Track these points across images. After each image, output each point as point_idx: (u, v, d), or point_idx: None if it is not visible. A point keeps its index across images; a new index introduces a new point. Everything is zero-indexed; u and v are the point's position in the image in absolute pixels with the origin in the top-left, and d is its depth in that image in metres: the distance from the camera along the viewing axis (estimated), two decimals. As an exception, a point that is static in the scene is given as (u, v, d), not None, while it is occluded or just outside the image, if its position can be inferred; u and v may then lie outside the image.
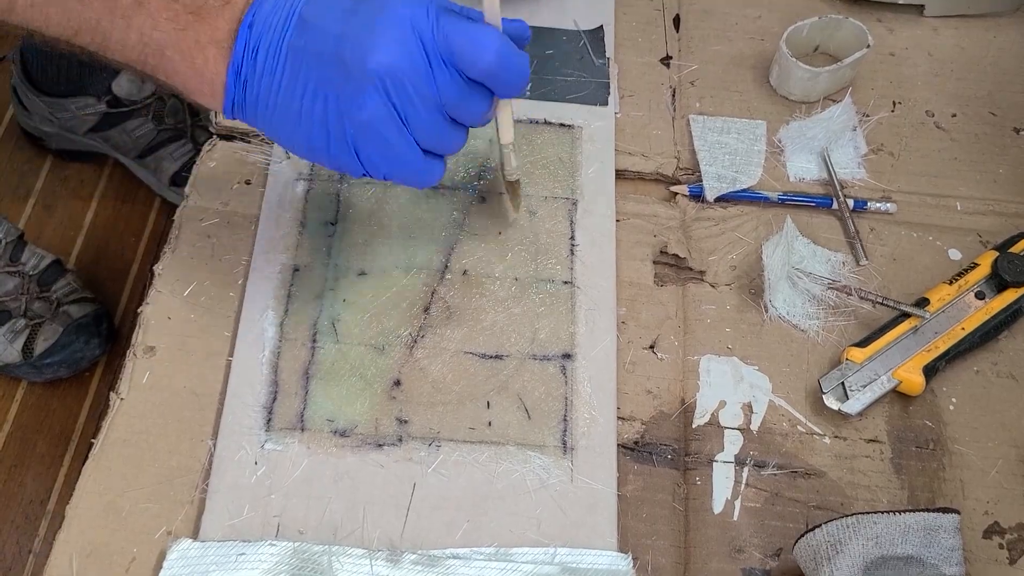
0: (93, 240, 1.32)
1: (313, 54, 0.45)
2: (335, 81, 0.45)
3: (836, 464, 0.56)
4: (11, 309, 1.13)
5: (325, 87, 0.45)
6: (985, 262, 0.61)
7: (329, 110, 0.46)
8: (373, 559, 0.51)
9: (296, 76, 0.46)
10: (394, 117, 0.45)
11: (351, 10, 0.45)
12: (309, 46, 0.45)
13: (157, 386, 0.56)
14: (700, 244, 0.64)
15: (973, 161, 0.69)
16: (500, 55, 0.45)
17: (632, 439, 0.56)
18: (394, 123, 0.46)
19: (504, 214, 0.63)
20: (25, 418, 1.18)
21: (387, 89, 0.44)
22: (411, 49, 0.44)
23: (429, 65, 0.45)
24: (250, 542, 0.51)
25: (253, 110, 0.48)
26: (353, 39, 0.44)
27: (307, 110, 0.46)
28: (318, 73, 0.45)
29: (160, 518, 0.52)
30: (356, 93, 0.45)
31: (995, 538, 0.54)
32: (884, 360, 0.58)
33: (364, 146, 0.46)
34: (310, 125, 0.46)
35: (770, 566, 0.53)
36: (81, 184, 1.36)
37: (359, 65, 0.44)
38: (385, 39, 0.44)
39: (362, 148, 0.46)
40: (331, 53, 0.45)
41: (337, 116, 0.46)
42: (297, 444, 0.54)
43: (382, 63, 0.44)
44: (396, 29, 0.44)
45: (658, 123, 0.69)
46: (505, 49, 0.46)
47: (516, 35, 0.50)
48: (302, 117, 0.46)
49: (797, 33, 0.70)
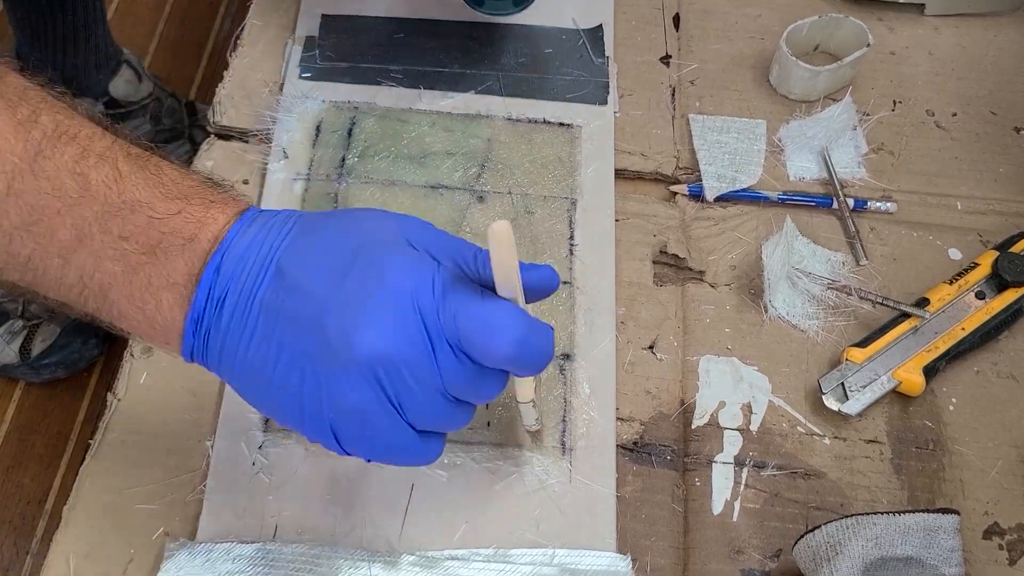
0: (91, 240, 1.32)
1: (291, 318, 0.37)
2: (315, 356, 0.37)
3: (836, 465, 0.56)
4: (8, 310, 1.13)
5: (303, 360, 0.37)
6: (985, 262, 0.61)
7: (306, 386, 0.38)
8: (371, 560, 0.50)
9: (269, 339, 0.38)
10: (385, 405, 0.38)
11: (341, 271, 0.38)
12: (287, 307, 0.37)
13: (155, 387, 0.56)
14: (700, 244, 0.64)
15: (973, 160, 0.69)
16: (520, 344, 0.38)
17: (631, 440, 0.56)
18: (385, 411, 0.38)
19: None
20: (23, 419, 1.18)
21: (379, 377, 0.37)
22: (411, 332, 0.37)
23: (432, 350, 0.38)
24: (248, 543, 0.51)
25: (217, 364, 0.40)
26: (339, 312, 0.37)
27: (280, 380, 0.38)
28: (295, 342, 0.37)
29: (158, 519, 0.52)
30: (340, 377, 0.37)
31: (995, 539, 0.54)
32: (884, 360, 0.58)
33: (346, 431, 0.39)
34: (282, 395, 0.38)
35: (769, 567, 0.53)
36: (79, 184, 1.36)
37: (345, 346, 0.36)
38: (379, 319, 0.37)
39: (342, 432, 0.39)
40: (312, 322, 0.37)
41: (315, 395, 0.38)
42: (295, 445, 0.54)
43: (375, 349, 0.36)
44: (394, 307, 0.37)
45: (657, 122, 0.69)
46: (526, 335, 0.38)
47: (541, 287, 0.43)
48: (274, 385, 0.38)
49: (797, 32, 0.70)
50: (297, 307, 0.37)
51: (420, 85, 0.69)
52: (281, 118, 0.66)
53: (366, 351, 0.36)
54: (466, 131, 0.66)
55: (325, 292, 0.37)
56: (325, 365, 0.37)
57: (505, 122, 0.67)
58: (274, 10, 0.73)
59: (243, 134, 0.67)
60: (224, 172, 0.64)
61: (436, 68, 0.70)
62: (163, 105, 1.23)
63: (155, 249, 0.38)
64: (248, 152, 0.66)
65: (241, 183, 0.64)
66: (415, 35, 0.71)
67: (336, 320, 0.37)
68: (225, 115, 0.67)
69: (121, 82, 1.18)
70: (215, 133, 0.67)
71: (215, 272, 0.38)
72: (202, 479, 0.53)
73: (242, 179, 0.64)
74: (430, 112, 0.67)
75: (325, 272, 0.38)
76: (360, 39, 0.71)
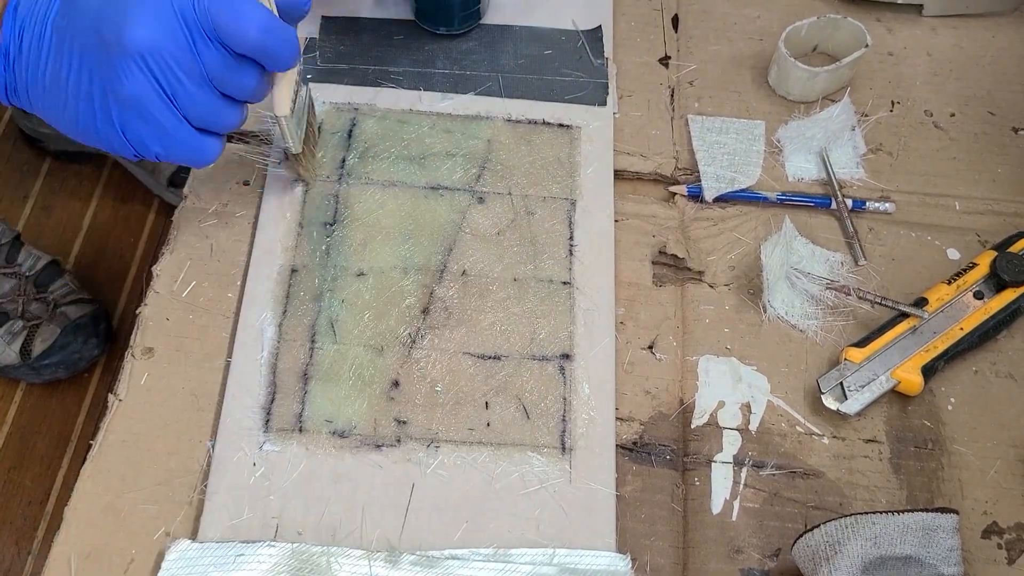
0: (92, 241, 1.32)
1: (76, 31, 0.45)
2: (98, 59, 0.44)
3: (835, 464, 0.56)
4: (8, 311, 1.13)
5: (89, 64, 0.45)
6: (984, 262, 0.61)
7: (94, 86, 0.45)
8: (372, 560, 0.51)
9: (60, 54, 0.45)
10: (159, 93, 0.45)
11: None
12: (72, 24, 0.45)
13: (155, 387, 0.56)
14: (699, 244, 0.64)
15: (972, 161, 0.69)
16: (264, 30, 0.45)
17: (631, 439, 0.56)
18: (159, 99, 0.45)
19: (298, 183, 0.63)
20: (23, 419, 1.18)
21: (149, 66, 0.44)
22: (171, 25, 0.44)
23: (192, 41, 0.45)
24: (249, 543, 0.51)
25: (25, 93, 0.48)
26: (110, 16, 0.44)
27: (73, 88, 0.46)
28: (81, 50, 0.45)
29: (159, 519, 0.52)
30: (117, 69, 0.44)
31: (994, 538, 0.54)
32: (883, 360, 0.58)
33: (130, 123, 0.46)
34: (76, 102, 0.46)
35: (769, 566, 0.53)
36: (80, 185, 1.36)
37: (117, 42, 0.44)
38: (141, 15, 0.44)
39: (128, 126, 0.46)
40: (90, 28, 0.44)
41: (101, 93, 0.45)
42: (296, 445, 0.54)
43: (140, 40, 0.43)
44: (153, 4, 0.44)
45: (657, 123, 0.69)
46: (270, 23, 0.46)
47: (291, 4, 0.50)
48: (68, 95, 0.46)
49: (796, 33, 0.70)
50: (79, 21, 0.45)
51: (420, 86, 0.69)
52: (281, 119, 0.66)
53: (134, 43, 0.43)
54: (466, 132, 0.67)
55: (99, 3, 0.44)
56: (105, 62, 0.44)
57: (505, 123, 0.67)
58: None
59: (243, 135, 0.67)
60: (225, 173, 0.65)
61: (436, 69, 0.70)
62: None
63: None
64: (249, 153, 0.66)
65: (242, 184, 0.64)
66: (415, 37, 0.71)
67: (109, 22, 0.44)
68: (225, 116, 0.67)
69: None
70: (215, 134, 0.67)
71: (13, 10, 0.46)
72: (203, 480, 0.53)
73: (243, 180, 0.64)
74: (430, 113, 0.67)
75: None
76: (360, 41, 0.71)
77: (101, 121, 0.46)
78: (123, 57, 0.44)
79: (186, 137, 0.47)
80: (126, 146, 0.47)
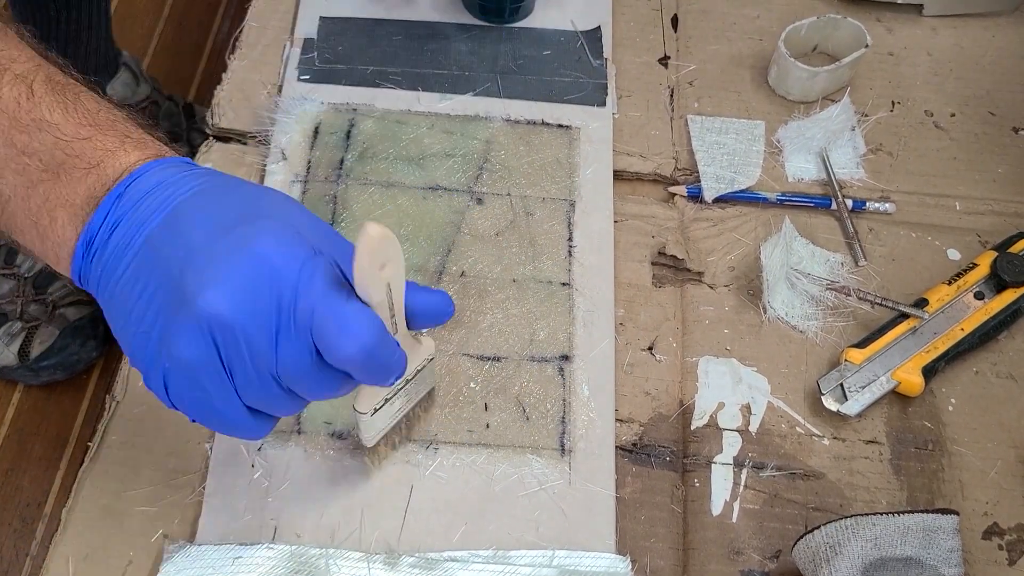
0: (90, 242, 1.31)
1: (163, 259, 0.38)
2: (169, 301, 0.37)
3: (835, 465, 0.56)
4: (7, 312, 1.13)
5: (160, 302, 0.38)
6: (984, 262, 0.61)
7: (155, 328, 0.38)
8: (371, 562, 0.50)
9: (139, 274, 0.38)
10: (217, 368, 0.37)
11: (223, 229, 0.38)
12: (164, 249, 0.38)
13: (153, 389, 0.56)
14: (698, 245, 0.64)
15: (972, 161, 0.69)
16: (366, 352, 0.38)
17: (630, 441, 0.56)
18: (215, 374, 0.38)
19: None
20: (22, 421, 1.18)
21: (215, 338, 0.37)
22: (259, 305, 0.37)
23: (276, 330, 0.37)
24: (247, 545, 0.51)
25: (96, 288, 0.40)
26: (201, 263, 0.37)
27: (138, 315, 0.38)
28: (159, 282, 0.38)
29: (157, 521, 0.52)
30: (182, 326, 0.37)
31: (994, 539, 0.54)
32: (883, 361, 0.58)
33: (175, 384, 0.38)
34: (136, 332, 0.39)
35: (769, 568, 0.53)
36: (78, 186, 1.36)
37: (192, 297, 0.36)
38: (230, 280, 0.36)
39: (173, 385, 0.38)
40: (177, 266, 0.37)
41: (159, 339, 0.38)
42: (294, 447, 0.54)
43: (215, 308, 0.36)
44: (251, 274, 0.37)
45: (656, 123, 0.69)
46: (374, 345, 0.38)
47: (428, 311, 0.44)
48: (132, 319, 0.39)
49: (795, 33, 0.70)
50: (172, 250, 0.38)
51: (419, 87, 0.69)
52: (280, 120, 0.66)
53: (206, 307, 0.36)
54: (465, 133, 0.66)
55: (198, 243, 0.38)
56: (174, 311, 0.37)
57: (504, 124, 0.67)
58: (272, 12, 0.73)
59: (242, 136, 0.67)
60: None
61: (434, 70, 0.70)
62: (160, 108, 1.23)
63: (58, 169, 0.39)
64: (247, 154, 0.66)
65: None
66: (413, 37, 0.71)
67: (195, 270, 0.37)
68: (224, 117, 0.67)
69: (118, 85, 1.18)
70: (213, 135, 0.67)
71: (116, 200, 0.39)
72: (201, 481, 0.53)
73: (241, 181, 0.64)
74: (429, 114, 0.67)
75: (208, 226, 0.38)
76: (358, 41, 0.71)
77: (151, 363, 0.39)
78: (192, 316, 0.36)
79: (233, 414, 0.39)
80: (164, 399, 0.40)
